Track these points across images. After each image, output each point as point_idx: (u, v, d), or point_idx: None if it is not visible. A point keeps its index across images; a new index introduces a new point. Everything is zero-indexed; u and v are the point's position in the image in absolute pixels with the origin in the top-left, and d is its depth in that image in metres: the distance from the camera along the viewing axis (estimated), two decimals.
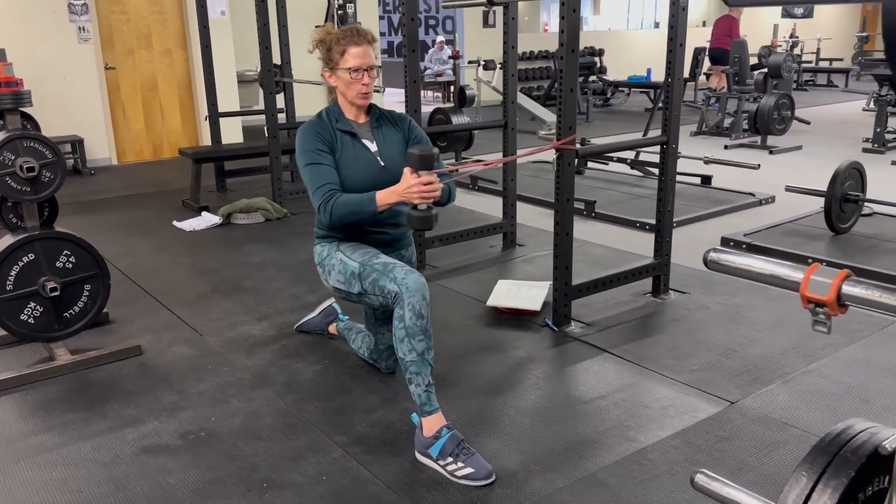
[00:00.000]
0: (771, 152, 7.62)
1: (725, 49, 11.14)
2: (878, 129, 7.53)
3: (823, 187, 4.80)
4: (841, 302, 1.22)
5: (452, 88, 13.82)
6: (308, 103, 10.55)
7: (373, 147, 2.56)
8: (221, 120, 6.46)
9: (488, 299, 3.48)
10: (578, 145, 3.17)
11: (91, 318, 3.05)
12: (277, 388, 2.78)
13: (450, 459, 2.17)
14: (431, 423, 2.23)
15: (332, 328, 3.17)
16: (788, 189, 4.95)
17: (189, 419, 2.57)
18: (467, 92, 7.61)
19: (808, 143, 8.07)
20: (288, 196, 5.62)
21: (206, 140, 7.98)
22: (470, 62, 9.06)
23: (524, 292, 3.48)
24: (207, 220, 5.24)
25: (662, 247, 3.62)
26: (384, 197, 2.32)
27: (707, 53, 10.80)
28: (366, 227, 2.54)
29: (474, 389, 2.73)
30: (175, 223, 5.23)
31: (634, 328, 3.29)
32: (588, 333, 3.22)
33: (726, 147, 7.94)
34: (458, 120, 6.93)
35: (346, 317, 3.18)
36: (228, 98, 7.92)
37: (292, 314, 3.48)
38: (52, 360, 2.96)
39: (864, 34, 16.35)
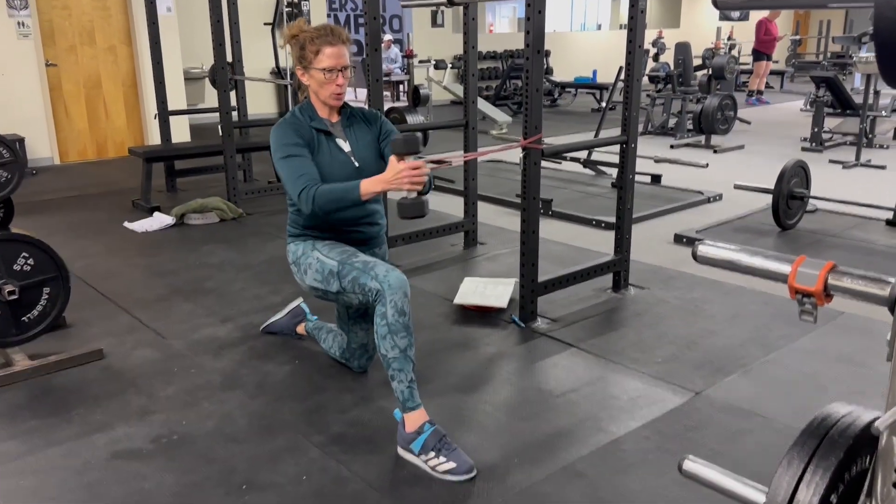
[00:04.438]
0: (715, 151, 7.86)
1: (759, 51, 11.78)
2: (816, 129, 7.84)
3: (769, 185, 4.99)
4: (827, 292, 1.28)
5: (402, 88, 13.87)
6: (259, 102, 10.45)
7: (346, 147, 2.55)
8: (170, 118, 6.32)
9: (455, 297, 3.51)
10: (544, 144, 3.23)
11: (51, 322, 2.97)
12: (249, 389, 2.75)
13: (432, 454, 2.19)
14: (414, 419, 2.25)
15: (300, 329, 3.15)
16: (737, 187, 5.12)
17: (160, 423, 2.52)
18: (421, 91, 7.62)
19: (749, 143, 8.35)
20: (243, 196, 5.54)
21: (153, 139, 7.82)
22: (421, 62, 9.07)
23: (490, 290, 3.52)
24: (160, 220, 5.13)
25: (622, 243, 3.70)
26: (370, 185, 2.29)
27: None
28: (341, 226, 2.53)
29: (449, 386, 2.76)
30: (126, 224, 5.11)
31: (599, 323, 3.37)
32: (554, 329, 3.27)
33: (672, 146, 8.15)
34: (412, 119, 6.94)
35: (315, 316, 3.17)
36: (176, 96, 7.74)
37: (257, 315, 3.44)
38: (11, 366, 2.86)
39: (798, 37, 16.98)
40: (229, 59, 5.88)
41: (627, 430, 2.45)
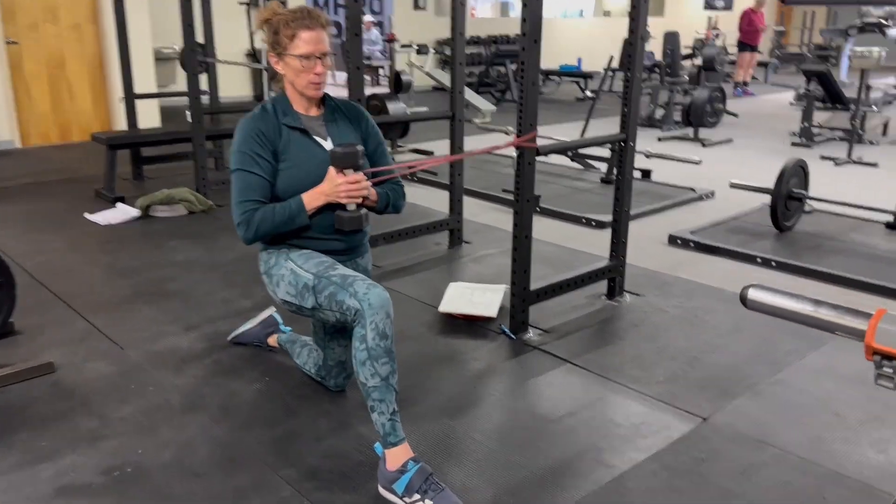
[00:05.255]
0: (704, 145, 7.66)
1: (744, 42, 11.59)
2: (806, 124, 7.67)
3: (760, 182, 4.81)
4: None
5: (381, 72, 13.52)
6: (233, 85, 10.07)
7: (327, 144, 2.29)
8: (138, 102, 5.98)
9: (440, 304, 3.26)
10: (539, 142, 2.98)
11: None
12: (212, 412, 2.49)
13: (416, 497, 1.95)
14: (396, 456, 2.01)
15: (272, 340, 2.89)
16: (733, 186, 4.91)
17: (112, 451, 2.26)
18: (403, 78, 7.32)
19: (737, 136, 8.16)
20: (213, 186, 5.23)
21: (121, 123, 7.44)
22: (403, 46, 8.76)
23: (478, 297, 3.28)
24: (124, 212, 4.82)
25: (619, 248, 3.48)
26: (311, 199, 2.17)
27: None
28: (320, 234, 2.27)
29: (434, 408, 2.52)
30: (88, 216, 4.79)
31: (594, 335, 3.14)
32: (547, 341, 3.04)
33: (660, 139, 7.94)
34: (394, 107, 6.65)
35: (289, 328, 2.91)
36: (145, 78, 7.39)
37: (225, 322, 3.17)
38: None
39: (781, 28, 16.87)
40: (200, 40, 5.55)
41: (631, 463, 2.22)
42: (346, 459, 2.22)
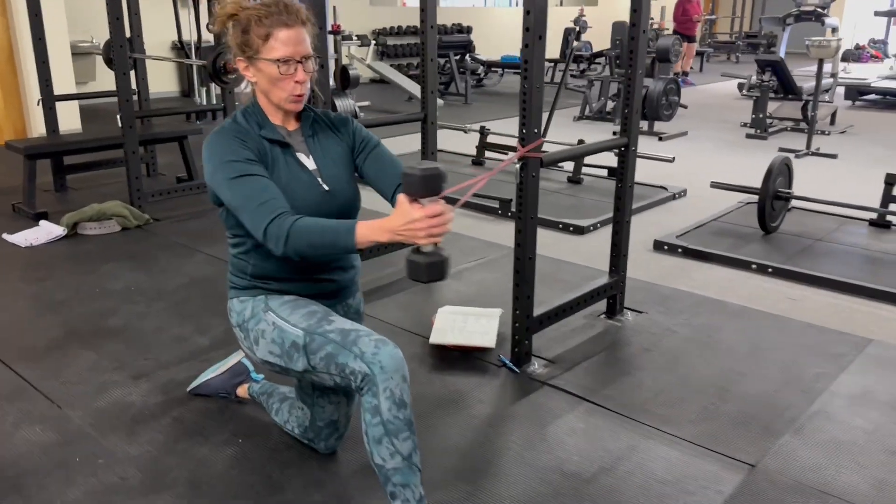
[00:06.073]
0: (660, 139, 7.48)
1: (679, 32, 11.42)
2: (760, 115, 7.58)
3: (728, 177, 4.63)
4: None
5: (322, 66, 12.88)
6: (157, 80, 9.37)
7: (310, 163, 1.88)
8: (57, 104, 5.34)
9: (431, 335, 2.88)
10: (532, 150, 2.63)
11: None
12: (180, 489, 2.05)
13: None
14: None
15: (241, 391, 2.45)
16: (714, 186, 4.68)
17: None
18: (351, 72, 6.86)
19: (691, 129, 8.02)
20: (149, 198, 4.69)
21: (37, 127, 6.74)
22: (344, 38, 8.28)
23: (472, 324, 2.91)
24: (48, 231, 4.25)
25: (619, 262, 3.17)
26: (370, 232, 1.61)
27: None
28: (307, 274, 1.87)
29: (447, 471, 2.14)
30: (6, 236, 4.20)
31: (605, 364, 2.82)
32: (555, 374, 2.71)
33: (615, 133, 7.71)
34: (342, 104, 6.21)
35: (261, 376, 2.48)
36: (63, 76, 6.68)
37: (181, 368, 2.72)
38: None
39: (713, 17, 17.03)
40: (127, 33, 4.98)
41: None
42: None
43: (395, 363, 1.64)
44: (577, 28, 13.20)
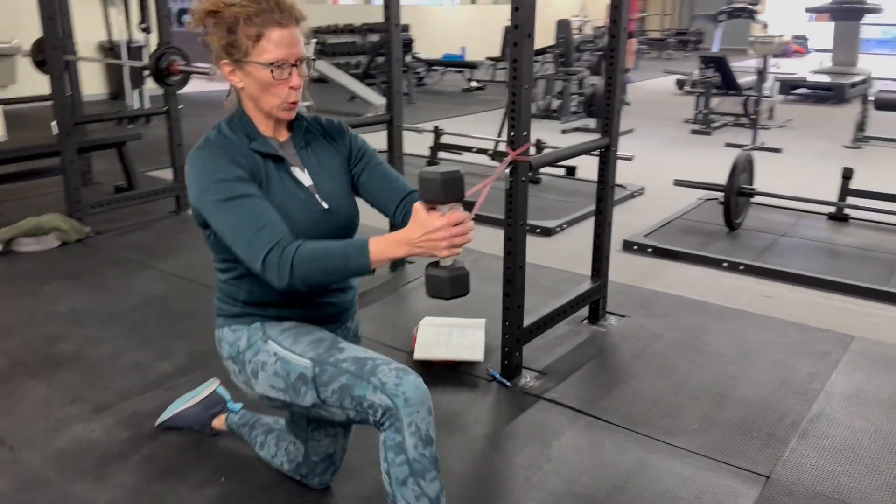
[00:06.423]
0: None
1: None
2: (705, 111, 7.68)
3: (681, 174, 4.64)
4: None
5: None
6: (88, 84, 8.87)
7: (305, 179, 1.70)
8: None
9: (416, 350, 2.73)
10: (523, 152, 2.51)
11: None
12: None
13: None
14: None
15: (217, 423, 2.25)
16: (678, 183, 4.66)
17: None
18: None
19: (636, 126, 8.07)
20: (89, 210, 4.37)
21: None
22: None
23: (457, 337, 2.78)
24: None
25: (602, 266, 3.08)
26: (385, 248, 1.46)
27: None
28: (306, 298, 1.69)
29: (454, 502, 1.99)
30: None
31: (598, 373, 2.72)
32: (548, 387, 2.59)
33: (564, 132, 7.69)
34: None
35: (240, 404, 2.28)
36: None
37: (144, 398, 2.49)
38: None
39: (645, 14, 17.32)
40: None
41: None
42: None
43: (419, 395, 1.49)
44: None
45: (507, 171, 2.45)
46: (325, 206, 1.69)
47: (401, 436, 1.48)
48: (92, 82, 9.78)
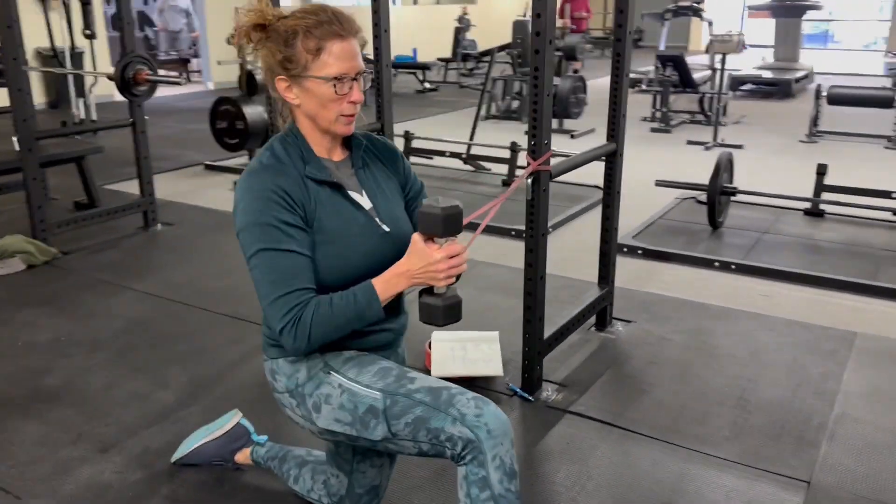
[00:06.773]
0: (572, 136, 7.52)
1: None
2: (664, 110, 7.78)
3: (641, 172, 4.67)
4: None
5: (191, 67, 12.26)
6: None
7: (365, 202, 1.61)
8: None
9: (432, 368, 2.65)
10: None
11: None
12: None
13: None
14: None
15: (241, 457, 2.13)
16: (659, 184, 4.68)
17: None
18: (257, 77, 6.40)
19: (597, 125, 8.11)
20: (55, 229, 4.13)
21: None
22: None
23: (472, 351, 2.70)
24: None
25: (609, 272, 3.05)
26: (389, 287, 1.48)
27: None
28: (365, 326, 1.60)
29: None
30: None
31: (618, 383, 2.68)
32: (571, 399, 2.54)
33: (527, 133, 7.67)
34: (251, 111, 5.78)
35: (265, 437, 2.15)
36: None
37: (152, 433, 2.34)
38: None
39: (586, 14, 17.50)
40: None
41: None
42: None
43: (502, 426, 1.42)
44: (462, 26, 13.24)
45: (529, 181, 2.39)
46: (387, 229, 1.60)
47: (484, 470, 1.40)
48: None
